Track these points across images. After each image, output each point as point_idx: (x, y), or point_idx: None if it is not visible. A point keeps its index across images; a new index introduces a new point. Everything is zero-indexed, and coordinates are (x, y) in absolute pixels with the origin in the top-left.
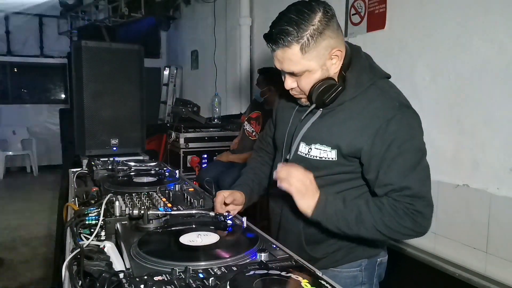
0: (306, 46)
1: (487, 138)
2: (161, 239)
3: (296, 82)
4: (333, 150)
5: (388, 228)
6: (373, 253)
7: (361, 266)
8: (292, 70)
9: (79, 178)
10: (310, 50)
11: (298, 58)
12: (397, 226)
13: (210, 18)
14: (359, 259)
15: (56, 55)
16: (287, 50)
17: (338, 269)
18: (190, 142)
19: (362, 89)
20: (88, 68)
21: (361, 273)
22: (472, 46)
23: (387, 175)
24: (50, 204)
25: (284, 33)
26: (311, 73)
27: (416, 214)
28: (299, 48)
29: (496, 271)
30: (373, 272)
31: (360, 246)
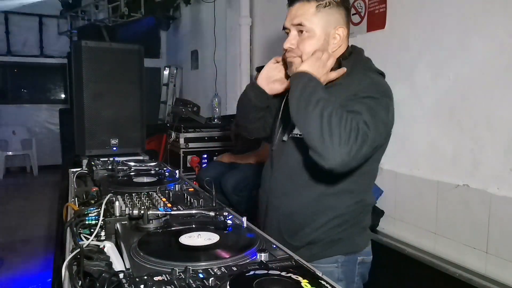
0: (321, 6)
1: (487, 138)
2: (161, 239)
3: (296, 42)
4: None
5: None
6: (350, 249)
7: (338, 262)
8: (301, 21)
9: (79, 178)
10: (324, 12)
11: (311, 14)
12: (337, 123)
13: (210, 18)
14: (335, 255)
15: (56, 55)
16: (305, 4)
17: (315, 263)
18: (190, 142)
19: (353, 74)
20: (88, 68)
21: (338, 269)
22: (472, 46)
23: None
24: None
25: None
26: (313, 37)
27: (356, 130)
28: (316, 5)
29: (496, 271)
30: (353, 270)
31: (338, 242)
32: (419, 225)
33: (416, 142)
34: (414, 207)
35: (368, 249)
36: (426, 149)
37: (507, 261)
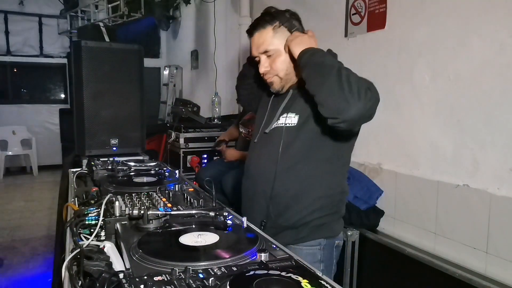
0: (277, 27)
1: (487, 138)
2: (161, 239)
3: (269, 65)
4: (296, 115)
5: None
6: (331, 234)
7: (320, 245)
8: (266, 49)
9: (79, 178)
10: (280, 31)
11: (271, 38)
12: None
13: (210, 18)
14: (319, 238)
15: (56, 55)
16: (262, 32)
17: (300, 246)
18: (190, 142)
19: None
20: (88, 68)
21: (320, 251)
22: (472, 46)
23: None
24: (50, 204)
25: (262, 20)
26: (281, 54)
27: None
28: (272, 28)
29: (496, 271)
30: (331, 253)
31: (321, 227)
32: (419, 225)
33: (416, 142)
34: (414, 207)
35: (341, 234)
36: (426, 149)
37: (507, 261)
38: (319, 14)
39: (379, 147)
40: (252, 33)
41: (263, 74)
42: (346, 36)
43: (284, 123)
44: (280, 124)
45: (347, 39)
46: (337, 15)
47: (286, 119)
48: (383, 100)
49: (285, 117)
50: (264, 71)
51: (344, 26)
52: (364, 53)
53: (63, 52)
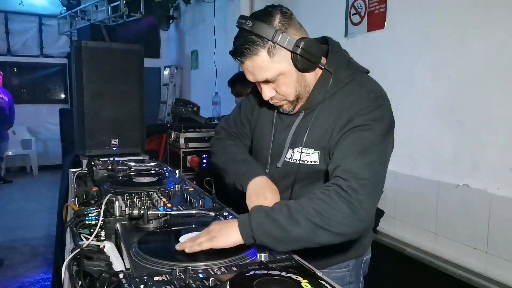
0: (272, 49)
1: (487, 138)
2: (161, 239)
3: (274, 90)
4: (316, 152)
5: (322, 217)
6: (360, 253)
7: (349, 266)
8: (266, 77)
9: (79, 178)
10: (277, 51)
11: (268, 63)
12: (330, 211)
13: (210, 18)
14: (347, 260)
15: (56, 55)
16: (255, 59)
17: (326, 270)
18: (190, 142)
19: (341, 85)
20: (88, 68)
21: (349, 273)
22: (472, 46)
23: (336, 154)
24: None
25: (249, 42)
26: (287, 75)
27: (349, 193)
28: (266, 52)
29: (496, 271)
30: (360, 271)
31: (350, 248)
32: (419, 225)
33: (416, 142)
34: (414, 207)
35: (370, 247)
36: (426, 149)
37: (507, 261)
38: (319, 14)
39: None
40: (242, 60)
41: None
42: (346, 36)
43: (299, 160)
44: (293, 159)
45: (347, 39)
46: (337, 15)
47: (304, 155)
48: None
49: (303, 152)
50: (268, 98)
51: (344, 26)
52: (364, 53)
53: (63, 52)
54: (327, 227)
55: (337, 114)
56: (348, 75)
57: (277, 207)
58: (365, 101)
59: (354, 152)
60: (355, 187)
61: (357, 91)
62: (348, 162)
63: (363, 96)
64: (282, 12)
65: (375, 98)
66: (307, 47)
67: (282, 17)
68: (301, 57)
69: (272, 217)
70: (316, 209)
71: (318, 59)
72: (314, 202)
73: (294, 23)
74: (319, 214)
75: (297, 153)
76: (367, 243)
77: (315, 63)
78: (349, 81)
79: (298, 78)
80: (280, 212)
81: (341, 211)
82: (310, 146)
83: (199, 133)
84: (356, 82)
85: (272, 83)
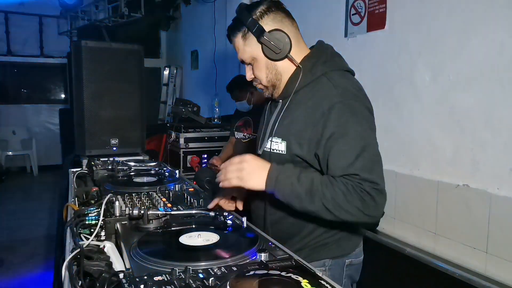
0: (245, 34)
1: (487, 138)
2: (161, 239)
3: (252, 72)
4: (283, 142)
5: (335, 203)
6: (338, 253)
7: (325, 266)
8: (242, 58)
9: (79, 178)
10: (250, 37)
11: (242, 46)
12: (344, 202)
13: (210, 18)
14: (322, 259)
15: (56, 55)
16: (234, 40)
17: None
18: (190, 142)
19: (313, 78)
20: (88, 68)
21: (325, 272)
22: (472, 46)
23: (333, 164)
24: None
25: (232, 27)
26: (258, 60)
27: (364, 193)
28: (241, 36)
29: (496, 271)
30: (340, 273)
31: (325, 247)
32: (419, 225)
33: (416, 142)
34: (414, 207)
35: (357, 251)
36: (426, 149)
37: (507, 261)
38: (319, 14)
39: (379, 147)
40: (230, 41)
41: (252, 81)
42: (346, 36)
43: (270, 148)
44: (267, 148)
45: (347, 39)
46: (337, 15)
47: (272, 143)
48: (383, 100)
49: (273, 141)
50: (249, 79)
51: (344, 26)
52: (364, 53)
53: (63, 52)
54: (336, 213)
55: (308, 108)
56: (321, 69)
57: (303, 179)
58: (333, 97)
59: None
60: (368, 189)
61: (326, 86)
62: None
63: (331, 92)
64: (269, 6)
65: (342, 93)
66: (272, 38)
67: (265, 9)
68: (265, 46)
69: (296, 189)
70: (333, 197)
71: (282, 51)
72: (333, 189)
73: (275, 17)
74: (333, 201)
75: (269, 141)
76: (345, 246)
77: (279, 53)
78: (321, 75)
79: (268, 65)
80: (302, 186)
81: (354, 205)
82: (278, 136)
83: (199, 133)
84: (328, 77)
85: (250, 65)
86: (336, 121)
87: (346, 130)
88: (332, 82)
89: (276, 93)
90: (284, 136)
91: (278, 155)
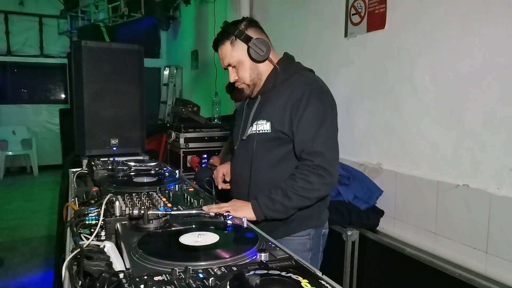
0: (233, 41)
1: (487, 138)
2: (161, 239)
3: (236, 74)
4: (267, 122)
5: (303, 189)
6: (319, 223)
7: (310, 234)
8: (229, 62)
9: (79, 178)
10: (237, 43)
11: (230, 52)
12: (307, 184)
13: (210, 18)
14: (308, 228)
15: (56, 55)
16: (222, 48)
17: (291, 237)
18: (190, 142)
19: (288, 75)
20: (88, 68)
21: (309, 240)
22: (472, 46)
23: (296, 139)
24: (50, 204)
25: (220, 37)
26: (243, 63)
27: (317, 168)
28: (229, 43)
29: (496, 271)
30: (319, 241)
31: (310, 218)
32: (419, 225)
33: (416, 142)
34: (414, 207)
35: (326, 224)
36: (426, 149)
37: (507, 261)
38: (319, 14)
39: (379, 147)
40: (216, 49)
41: (234, 82)
42: (346, 36)
43: (256, 130)
44: (253, 131)
45: (347, 39)
46: (337, 15)
47: (257, 125)
48: (383, 100)
49: (256, 124)
50: (233, 80)
51: (344, 26)
52: (364, 53)
53: (63, 52)
54: (309, 195)
55: (286, 96)
56: (293, 69)
57: (273, 190)
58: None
59: (309, 138)
60: (318, 163)
61: (300, 79)
62: (308, 146)
63: (304, 81)
64: (249, 21)
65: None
66: (257, 43)
67: (247, 23)
68: (252, 49)
69: (273, 198)
70: (300, 186)
71: (265, 54)
72: (296, 181)
73: (256, 29)
74: (302, 188)
75: (255, 125)
76: (324, 218)
77: (263, 55)
78: (293, 73)
79: (251, 67)
80: (276, 194)
81: (315, 182)
82: (263, 118)
83: (199, 133)
84: (301, 74)
85: (234, 68)
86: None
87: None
88: (305, 77)
89: (256, 91)
90: (268, 117)
91: (264, 134)
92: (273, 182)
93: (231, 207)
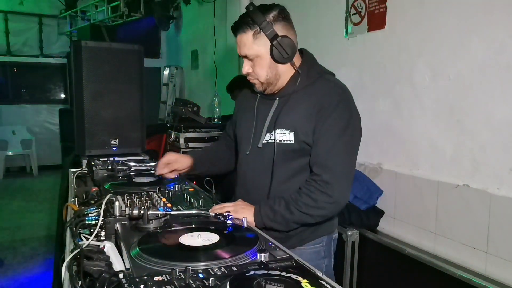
0: (257, 33)
1: (487, 138)
2: (161, 239)
3: (251, 67)
4: (291, 132)
5: (307, 206)
6: (331, 229)
7: (323, 242)
8: (246, 54)
9: (79, 178)
10: (260, 37)
11: (250, 43)
12: (311, 202)
13: (210, 18)
14: (321, 236)
15: (56, 55)
16: (243, 36)
17: (304, 247)
18: (190, 142)
19: (312, 80)
20: (88, 68)
21: (323, 248)
22: (472, 46)
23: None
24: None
25: (244, 22)
26: (262, 59)
27: (323, 185)
28: (252, 34)
29: (496, 271)
30: (331, 247)
31: (322, 224)
32: (419, 225)
33: (416, 142)
34: (414, 207)
35: (337, 227)
36: (426, 149)
37: (507, 261)
38: (319, 14)
39: (379, 147)
40: (235, 33)
41: (246, 75)
42: (346, 36)
43: (276, 140)
44: (272, 140)
45: (347, 39)
46: (337, 15)
47: (278, 134)
48: (383, 100)
49: (276, 132)
50: (246, 73)
51: (344, 26)
52: (364, 53)
53: (63, 52)
54: (311, 213)
55: (311, 103)
56: (316, 72)
57: (277, 201)
58: (333, 93)
59: (324, 150)
60: (326, 179)
61: (326, 85)
62: (320, 158)
63: (331, 89)
64: (280, 11)
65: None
66: (283, 43)
67: (277, 14)
68: (275, 49)
69: (275, 209)
70: (303, 202)
71: (290, 56)
72: (301, 196)
73: (285, 24)
74: (305, 205)
75: (274, 133)
76: (335, 222)
77: (286, 58)
78: (318, 77)
79: (270, 65)
80: (279, 205)
81: (320, 200)
82: (285, 127)
83: (199, 133)
84: (324, 78)
85: (250, 61)
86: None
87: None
88: (332, 83)
89: (270, 91)
90: (292, 127)
91: (286, 145)
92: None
93: (233, 208)
